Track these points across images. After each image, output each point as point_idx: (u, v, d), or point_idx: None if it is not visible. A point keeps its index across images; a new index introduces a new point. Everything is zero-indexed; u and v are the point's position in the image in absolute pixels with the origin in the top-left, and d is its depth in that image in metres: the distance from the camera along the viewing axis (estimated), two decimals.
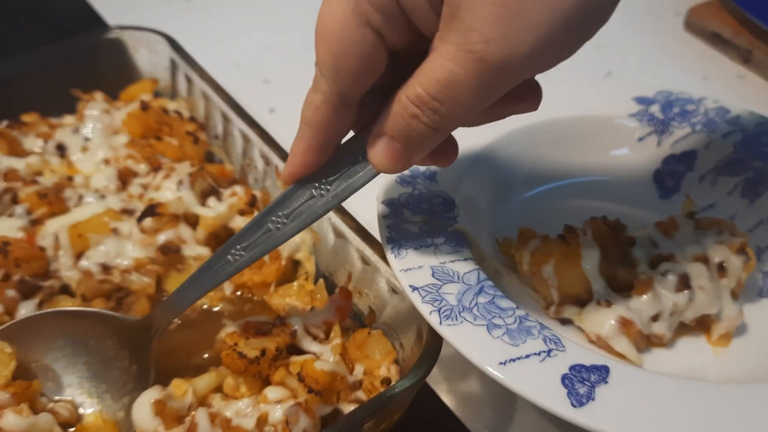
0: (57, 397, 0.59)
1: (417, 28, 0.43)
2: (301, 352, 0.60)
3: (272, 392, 0.56)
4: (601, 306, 0.58)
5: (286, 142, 0.59)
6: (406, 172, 0.48)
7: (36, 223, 0.70)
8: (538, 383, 0.47)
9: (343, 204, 0.54)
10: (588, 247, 0.60)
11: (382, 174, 0.50)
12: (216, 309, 0.68)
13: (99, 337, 0.59)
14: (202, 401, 0.58)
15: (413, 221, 0.59)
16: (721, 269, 0.59)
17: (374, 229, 0.62)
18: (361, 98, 0.47)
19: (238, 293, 0.69)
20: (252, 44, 1.05)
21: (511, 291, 0.61)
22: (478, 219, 0.65)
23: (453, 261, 0.56)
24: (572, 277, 0.59)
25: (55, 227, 0.69)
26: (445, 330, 0.50)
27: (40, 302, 0.65)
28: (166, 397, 0.55)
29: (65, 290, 0.67)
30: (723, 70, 1.02)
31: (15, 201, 0.72)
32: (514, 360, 0.48)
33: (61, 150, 0.79)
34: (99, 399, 0.59)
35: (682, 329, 0.60)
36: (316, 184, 0.51)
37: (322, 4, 0.44)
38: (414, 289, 0.53)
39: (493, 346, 0.49)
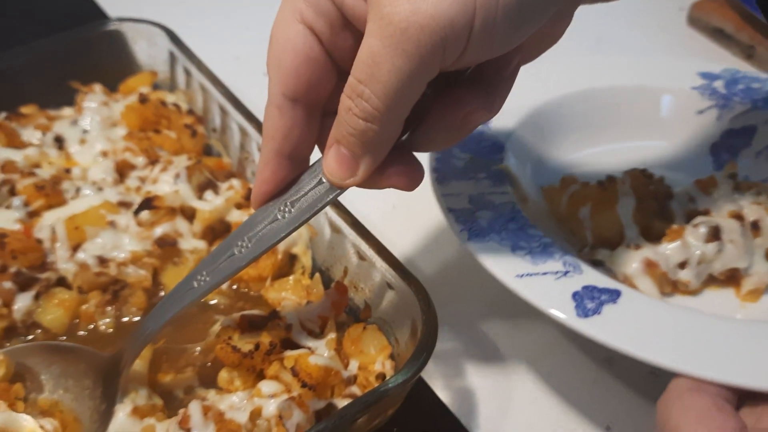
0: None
1: (355, 27, 0.43)
2: (296, 346, 0.60)
3: (266, 386, 0.56)
4: (630, 249, 0.61)
5: None
6: None
7: (33, 215, 0.70)
8: (550, 295, 0.50)
9: (340, 199, 0.54)
10: (624, 195, 0.63)
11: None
12: (212, 302, 0.68)
13: (78, 376, 0.59)
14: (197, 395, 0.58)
15: (460, 158, 0.63)
16: (755, 228, 0.61)
17: (370, 224, 0.62)
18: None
19: (234, 287, 0.69)
20: (253, 37, 1.03)
21: (548, 234, 0.63)
22: (524, 166, 0.68)
23: (491, 193, 0.60)
24: (606, 220, 0.62)
25: (52, 219, 0.69)
26: (471, 245, 0.54)
27: (36, 294, 0.65)
28: None
29: (62, 282, 0.67)
30: (726, 66, 1.01)
31: (12, 193, 0.72)
32: (531, 275, 0.52)
33: (59, 142, 0.79)
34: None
35: (711, 282, 0.62)
36: (280, 207, 0.51)
37: None
38: (450, 210, 0.57)
39: (514, 262, 0.53)
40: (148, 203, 0.68)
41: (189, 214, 0.71)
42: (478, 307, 0.69)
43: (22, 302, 0.64)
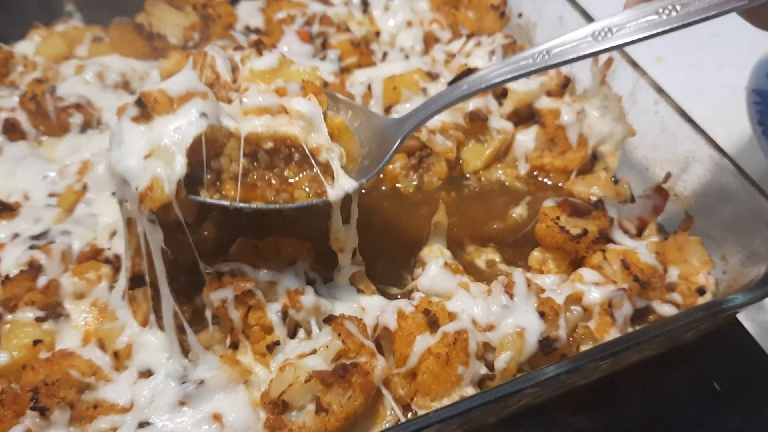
0: None
1: None
2: (609, 243, 0.57)
3: (588, 274, 0.54)
4: None
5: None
6: None
7: (344, 71, 0.72)
8: None
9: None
10: None
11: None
12: (507, 184, 0.67)
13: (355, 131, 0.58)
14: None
15: None
16: None
17: None
18: None
19: (535, 174, 0.67)
20: None
21: None
22: None
23: None
24: None
25: (365, 77, 0.70)
26: None
27: None
28: None
29: None
30: None
31: (324, 46, 0.73)
32: None
33: (365, 5, 0.80)
34: None
35: None
36: (660, 9, 0.46)
37: None
38: None
39: None
40: (468, 74, 0.66)
41: (497, 94, 0.69)
42: None
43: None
